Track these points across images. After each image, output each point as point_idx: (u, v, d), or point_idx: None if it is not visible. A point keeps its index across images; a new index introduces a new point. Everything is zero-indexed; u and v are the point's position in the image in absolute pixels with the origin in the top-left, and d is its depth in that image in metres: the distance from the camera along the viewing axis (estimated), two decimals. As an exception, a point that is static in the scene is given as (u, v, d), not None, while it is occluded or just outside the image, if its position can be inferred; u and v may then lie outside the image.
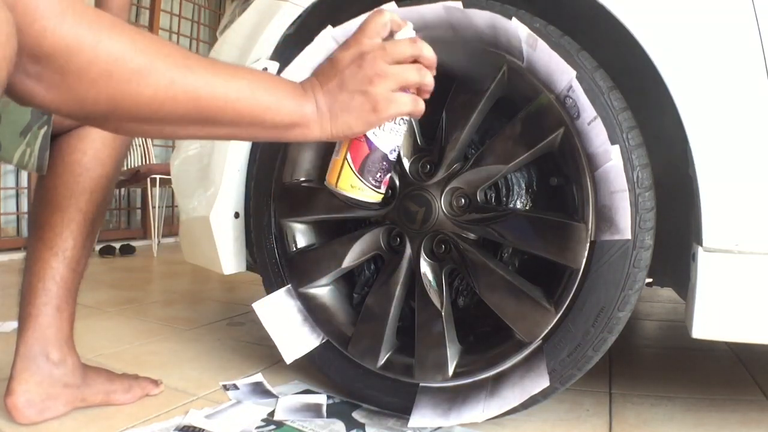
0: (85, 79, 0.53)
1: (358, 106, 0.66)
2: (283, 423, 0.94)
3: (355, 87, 0.66)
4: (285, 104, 0.64)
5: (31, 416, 0.91)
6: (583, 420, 0.99)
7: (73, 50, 0.52)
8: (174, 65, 0.57)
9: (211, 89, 0.60)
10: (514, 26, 0.85)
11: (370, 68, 0.65)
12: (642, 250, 0.81)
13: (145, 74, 0.55)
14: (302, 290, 1.06)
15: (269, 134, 0.67)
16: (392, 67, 0.66)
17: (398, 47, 0.67)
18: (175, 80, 0.57)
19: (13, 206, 3.50)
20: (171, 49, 0.59)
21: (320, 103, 0.66)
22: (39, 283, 0.95)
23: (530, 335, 0.88)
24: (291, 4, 1.04)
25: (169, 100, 0.58)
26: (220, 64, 0.62)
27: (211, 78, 0.60)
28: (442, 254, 0.96)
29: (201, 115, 0.60)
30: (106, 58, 0.53)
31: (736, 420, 1.00)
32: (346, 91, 0.66)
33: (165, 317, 1.73)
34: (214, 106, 0.60)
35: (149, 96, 0.56)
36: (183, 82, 0.58)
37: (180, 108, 0.59)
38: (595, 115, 0.81)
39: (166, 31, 4.40)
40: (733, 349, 1.43)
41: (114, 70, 0.54)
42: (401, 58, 0.67)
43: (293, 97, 0.65)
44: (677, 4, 0.79)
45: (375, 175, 0.72)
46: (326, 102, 0.66)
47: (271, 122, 0.64)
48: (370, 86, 0.65)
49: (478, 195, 0.93)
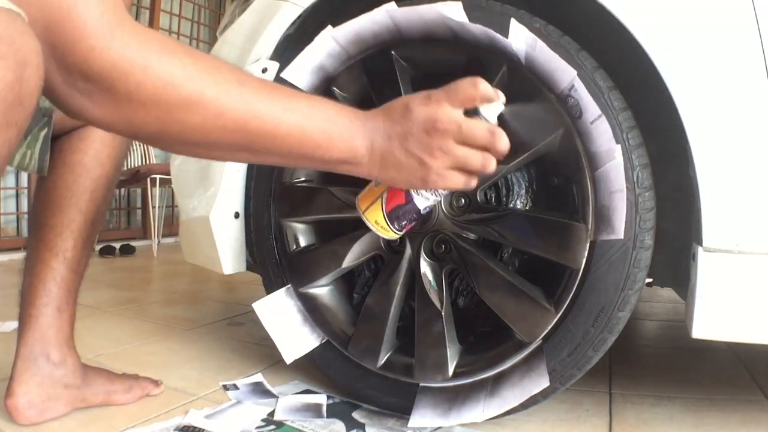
0: (134, 102, 0.53)
1: (410, 170, 0.64)
2: (283, 423, 0.94)
3: (415, 150, 0.63)
4: (337, 143, 0.63)
5: (32, 417, 0.91)
6: (583, 420, 0.99)
7: (121, 72, 0.51)
8: (226, 93, 0.56)
9: (261, 123, 0.58)
10: (509, 42, 0.85)
11: (438, 140, 0.63)
12: (642, 250, 0.81)
13: (194, 102, 0.55)
14: (302, 290, 1.06)
15: (318, 166, 0.66)
16: (459, 148, 0.63)
17: (474, 132, 0.63)
18: (225, 111, 0.56)
19: (13, 206, 3.50)
20: (225, 74, 0.57)
21: (376, 145, 0.64)
22: (39, 284, 0.95)
23: (530, 335, 0.88)
24: (291, 4, 1.04)
25: (217, 129, 0.57)
26: (278, 93, 0.61)
27: (264, 110, 0.58)
28: (442, 254, 0.96)
29: (250, 145, 0.60)
30: (155, 83, 0.53)
31: (736, 420, 1.00)
32: (405, 149, 0.64)
33: (165, 317, 1.73)
34: (263, 140, 0.59)
35: (197, 123, 0.56)
36: (232, 112, 0.57)
37: (228, 137, 0.58)
38: (599, 114, 0.81)
39: (166, 31, 4.40)
40: (733, 349, 1.43)
41: (162, 95, 0.53)
42: (473, 144, 0.64)
43: (348, 135, 0.63)
44: (677, 4, 0.79)
45: (401, 222, 0.73)
46: (382, 149, 0.64)
47: (320, 159, 0.63)
48: (429, 158, 0.63)
49: (478, 195, 0.93)
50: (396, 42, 0.96)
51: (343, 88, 1.03)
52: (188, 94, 0.54)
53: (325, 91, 1.03)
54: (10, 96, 0.47)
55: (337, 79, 1.02)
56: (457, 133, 0.63)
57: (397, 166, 0.64)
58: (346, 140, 0.63)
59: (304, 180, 1.08)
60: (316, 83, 1.03)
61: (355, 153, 0.64)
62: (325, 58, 1.01)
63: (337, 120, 0.63)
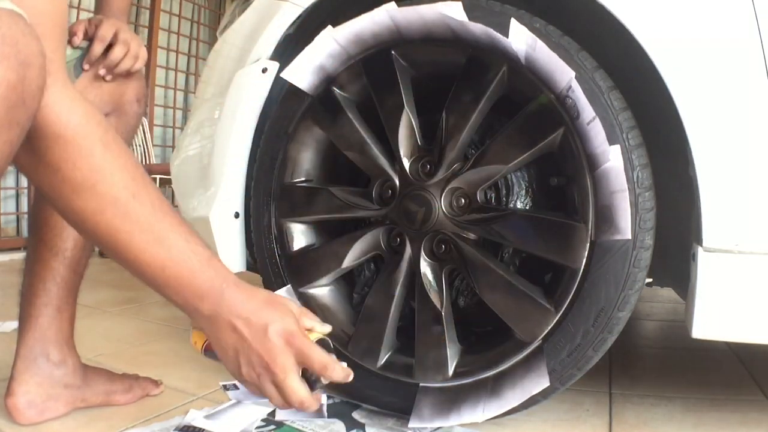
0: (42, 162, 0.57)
1: (228, 362, 0.69)
2: (283, 423, 0.94)
3: (242, 356, 0.67)
4: (184, 295, 0.65)
5: (32, 417, 0.91)
6: (583, 420, 0.99)
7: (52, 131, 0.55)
8: (113, 200, 0.59)
9: (128, 240, 0.61)
10: (509, 42, 0.85)
11: (261, 370, 0.67)
12: (642, 250, 0.81)
13: (85, 188, 0.58)
14: (302, 290, 1.06)
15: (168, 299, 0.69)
16: (270, 388, 0.68)
17: (289, 394, 0.67)
18: (105, 211, 0.59)
19: (13, 206, 3.50)
20: (125, 181, 0.60)
21: (218, 323, 0.67)
22: (39, 284, 0.95)
23: (530, 335, 0.88)
24: (291, 4, 1.04)
25: (92, 224, 0.61)
26: (160, 224, 0.63)
27: (138, 230, 0.61)
28: (442, 254, 0.96)
29: (113, 253, 0.63)
30: (63, 156, 0.56)
31: (736, 420, 1.00)
32: (235, 349, 0.67)
33: (165, 317, 1.73)
34: (123, 257, 0.63)
35: (77, 209, 0.59)
36: (110, 217, 0.60)
37: (99, 235, 0.62)
38: (594, 116, 0.81)
39: (166, 31, 4.40)
40: (733, 349, 1.43)
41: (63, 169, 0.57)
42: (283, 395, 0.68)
43: (198, 293, 0.65)
44: (677, 4, 0.79)
45: (212, 356, 0.76)
46: (220, 329, 0.67)
47: (166, 295, 0.66)
48: (247, 372, 0.68)
49: (478, 195, 0.93)
50: (396, 42, 0.96)
51: (343, 88, 1.03)
52: (82, 179, 0.58)
53: (325, 90, 1.03)
54: (12, 96, 0.48)
55: (337, 79, 1.02)
56: (278, 382, 0.67)
57: (222, 347, 0.68)
58: (195, 298, 0.65)
59: (304, 180, 1.08)
60: (316, 83, 1.03)
61: (195, 311, 0.67)
62: (325, 58, 1.01)
63: (198, 276, 0.65)
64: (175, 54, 4.50)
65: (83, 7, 3.60)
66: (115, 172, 0.59)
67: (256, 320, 0.66)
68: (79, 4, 3.63)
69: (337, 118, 1.02)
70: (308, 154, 1.07)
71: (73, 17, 3.60)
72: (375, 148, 0.99)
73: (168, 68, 4.45)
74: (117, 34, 0.95)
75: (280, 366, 0.65)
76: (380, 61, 0.97)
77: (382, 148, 0.99)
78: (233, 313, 0.66)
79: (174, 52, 4.49)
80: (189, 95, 4.58)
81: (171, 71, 4.49)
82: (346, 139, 1.01)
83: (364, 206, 1.01)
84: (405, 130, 0.96)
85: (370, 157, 0.99)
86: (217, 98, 1.16)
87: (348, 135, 1.01)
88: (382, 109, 0.98)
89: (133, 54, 0.97)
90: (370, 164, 1.00)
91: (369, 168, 1.01)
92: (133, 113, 1.01)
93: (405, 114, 0.96)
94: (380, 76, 0.98)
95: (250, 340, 0.66)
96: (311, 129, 1.06)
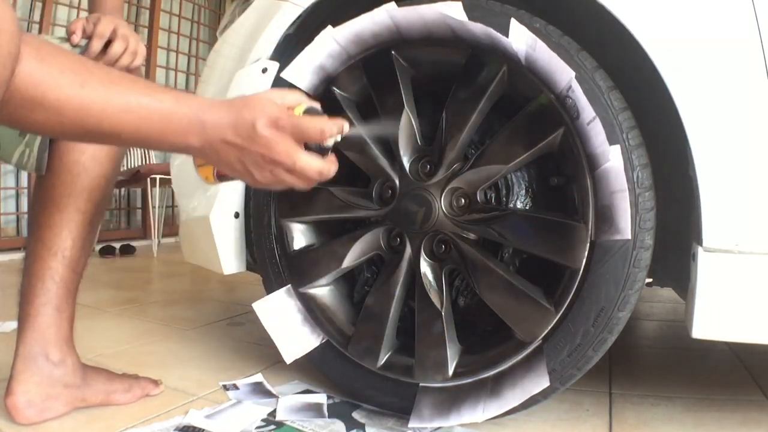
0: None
1: (239, 174, 0.70)
2: (284, 423, 0.94)
3: (247, 163, 0.68)
4: (170, 139, 0.66)
5: (31, 416, 0.91)
6: (583, 420, 0.99)
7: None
8: (66, 95, 0.60)
9: (97, 123, 0.62)
10: (509, 42, 0.85)
11: (270, 166, 0.67)
12: (642, 250, 0.81)
13: (36, 103, 0.58)
14: (302, 290, 1.06)
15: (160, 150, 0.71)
16: (287, 176, 0.68)
17: (305, 171, 0.68)
18: (63, 112, 0.60)
19: (13, 206, 3.50)
20: (67, 74, 0.60)
21: (213, 145, 0.67)
22: (38, 284, 0.95)
23: (530, 335, 0.88)
24: (291, 4, 1.04)
25: (58, 126, 0.61)
26: (118, 93, 0.63)
27: (100, 111, 0.62)
28: (442, 254, 0.96)
29: (90, 138, 0.65)
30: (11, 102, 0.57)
31: (736, 420, 1.00)
32: (239, 159, 0.68)
33: (165, 317, 1.73)
34: (101, 136, 0.64)
35: (40, 121, 0.60)
36: (70, 113, 0.61)
37: (69, 131, 0.63)
38: (594, 116, 0.81)
39: (166, 31, 4.40)
40: (733, 349, 1.43)
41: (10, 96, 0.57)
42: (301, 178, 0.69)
43: (182, 132, 0.66)
44: (677, 4, 0.79)
45: (226, 179, 0.78)
46: (217, 149, 0.67)
47: (156, 147, 0.68)
48: (259, 174, 0.68)
49: (478, 195, 0.93)
50: (396, 42, 0.96)
51: (344, 88, 1.03)
52: (31, 97, 0.58)
53: (325, 90, 1.03)
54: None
55: (337, 79, 1.02)
56: (289, 167, 0.67)
57: (229, 166, 0.69)
58: (179, 136, 0.66)
59: (304, 180, 1.08)
60: (316, 83, 1.03)
61: (188, 148, 0.68)
62: (325, 58, 1.01)
63: (172, 119, 0.66)
64: (175, 54, 4.50)
65: (83, 7, 3.61)
66: (57, 77, 0.60)
67: (241, 124, 0.66)
68: (79, 4, 3.63)
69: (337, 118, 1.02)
70: (308, 154, 1.07)
71: (72, 16, 3.60)
72: (375, 148, 0.99)
73: (168, 68, 4.45)
74: (115, 31, 0.95)
75: (283, 153, 0.66)
76: (380, 61, 0.97)
77: (382, 148, 0.99)
78: (220, 132, 0.67)
79: (174, 52, 4.49)
80: (189, 95, 4.57)
81: (171, 71, 4.49)
82: (346, 139, 1.01)
83: (364, 206, 1.01)
84: (405, 130, 0.96)
85: (370, 157, 0.99)
86: (217, 98, 1.15)
87: (348, 135, 1.01)
88: (382, 109, 0.98)
89: (131, 50, 0.97)
90: (370, 164, 1.00)
91: (369, 168, 1.01)
92: None
93: (405, 114, 0.96)
94: (380, 76, 0.98)
95: (246, 146, 0.66)
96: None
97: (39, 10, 3.39)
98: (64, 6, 3.57)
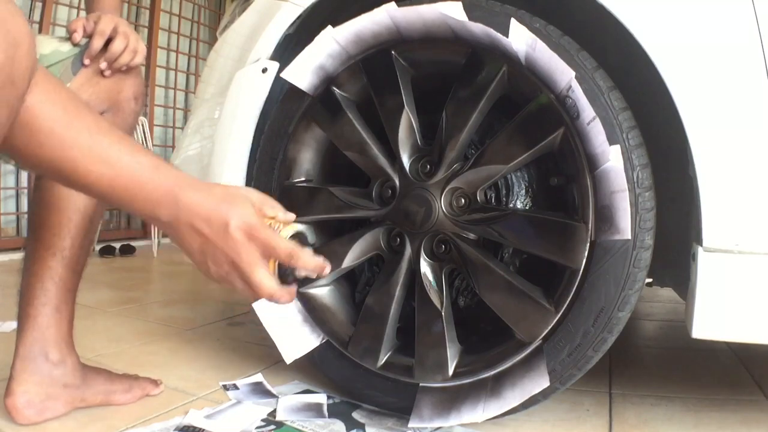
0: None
1: (197, 262, 0.68)
2: (283, 423, 0.94)
3: (208, 256, 0.66)
4: (140, 205, 0.65)
5: (31, 416, 0.91)
6: (583, 420, 0.99)
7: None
8: (49, 129, 0.59)
9: (74, 168, 0.61)
10: (509, 42, 0.85)
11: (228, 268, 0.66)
12: (642, 250, 0.81)
13: (19, 127, 0.57)
14: (302, 290, 1.06)
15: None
16: (240, 284, 0.66)
17: (259, 288, 0.66)
18: (42, 145, 0.59)
19: (13, 206, 3.50)
20: (57, 108, 0.60)
21: (180, 227, 0.66)
22: (38, 284, 0.94)
23: (530, 335, 0.88)
24: (291, 4, 1.04)
25: (33, 158, 0.61)
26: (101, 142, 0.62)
27: (78, 157, 0.61)
28: (442, 254, 0.96)
29: (62, 181, 0.63)
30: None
31: (736, 420, 1.00)
32: (201, 251, 0.66)
33: (165, 317, 1.73)
34: (74, 182, 0.63)
35: (18, 146, 0.59)
36: (49, 149, 0.60)
37: (42, 168, 0.62)
38: (594, 116, 0.81)
39: (166, 31, 4.40)
40: (733, 349, 1.43)
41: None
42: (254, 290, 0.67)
43: (152, 203, 0.65)
44: (677, 4, 0.79)
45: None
46: (183, 233, 0.66)
47: (127, 210, 0.67)
48: (215, 271, 0.66)
49: (478, 195, 0.93)
50: (396, 42, 0.96)
51: (343, 88, 1.03)
52: (20, 119, 0.57)
53: (325, 91, 1.03)
54: (1, 76, 0.48)
55: (337, 79, 1.02)
56: (245, 276, 0.65)
57: (188, 251, 0.68)
58: (149, 205, 0.65)
59: (304, 180, 1.08)
60: (316, 83, 1.03)
61: (154, 219, 0.66)
62: (325, 58, 1.01)
63: (147, 186, 0.64)
64: (175, 54, 4.50)
65: (83, 7, 3.60)
66: (45, 108, 0.59)
67: (215, 218, 0.65)
68: (78, 4, 3.63)
69: (337, 118, 1.02)
70: (308, 154, 1.07)
71: (72, 16, 3.60)
72: (375, 148, 0.99)
73: (168, 68, 4.45)
74: (116, 29, 0.95)
75: (245, 261, 0.65)
76: (380, 61, 0.97)
77: (382, 148, 0.99)
78: (192, 215, 0.65)
79: (174, 52, 4.49)
80: (189, 95, 4.57)
81: (171, 71, 4.49)
82: (346, 139, 1.01)
83: (364, 206, 1.01)
84: (405, 130, 0.96)
85: (370, 157, 0.99)
86: (217, 98, 1.16)
87: (348, 135, 1.01)
88: (382, 109, 0.98)
89: (132, 48, 0.97)
90: (370, 164, 1.00)
91: (369, 168, 1.01)
92: (131, 111, 1.01)
93: (405, 114, 0.96)
94: (380, 76, 0.98)
95: (213, 240, 0.65)
96: (311, 129, 1.06)
97: (39, 10, 3.39)
98: (64, 6, 3.57)
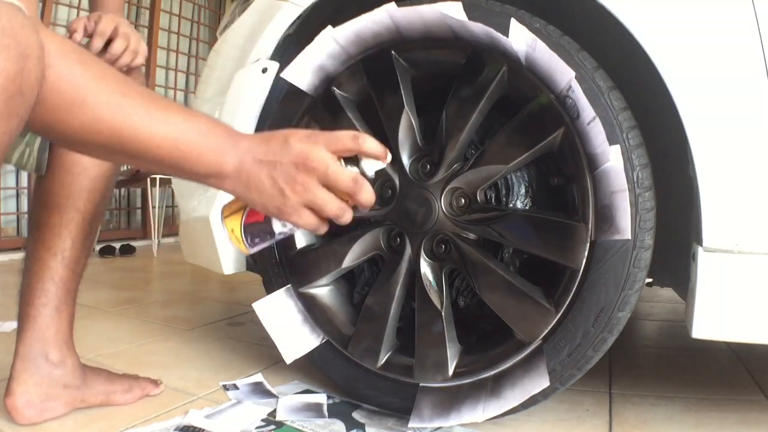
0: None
1: (270, 197, 0.66)
2: (283, 423, 0.94)
3: (279, 179, 0.65)
4: (205, 157, 0.65)
5: (31, 417, 0.91)
6: (583, 420, 0.99)
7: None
8: (106, 103, 0.59)
9: (135, 132, 0.61)
10: (509, 42, 0.85)
11: (303, 176, 0.65)
12: (642, 250, 0.81)
13: (76, 106, 0.57)
14: (302, 290, 1.06)
15: (189, 178, 0.68)
16: (320, 191, 0.65)
17: (339, 177, 0.65)
18: (102, 117, 0.59)
19: (13, 206, 3.50)
20: (110, 84, 0.60)
21: (245, 166, 0.66)
22: (38, 284, 0.94)
23: (530, 335, 0.88)
24: (291, 4, 1.04)
25: (94, 133, 0.60)
26: (156, 106, 0.63)
27: (139, 121, 0.61)
28: (442, 254, 0.96)
29: (125, 151, 0.62)
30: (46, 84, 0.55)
31: (736, 420, 1.00)
32: (271, 176, 0.65)
33: (165, 317, 1.73)
34: (136, 147, 0.62)
35: (76, 126, 0.58)
36: (109, 120, 0.59)
37: (104, 141, 0.61)
38: (594, 116, 0.81)
39: (166, 31, 4.40)
40: (733, 349, 1.43)
41: (48, 96, 0.55)
42: (335, 189, 0.66)
43: (217, 151, 0.65)
44: (677, 5, 0.79)
45: (255, 239, 0.73)
46: (249, 170, 0.66)
47: (189, 170, 0.66)
48: (290, 190, 0.65)
49: (478, 195, 0.93)
50: (396, 42, 0.96)
51: (344, 88, 1.03)
52: (71, 99, 0.57)
53: (325, 91, 1.03)
54: (12, 87, 0.49)
55: (337, 79, 1.02)
56: (322, 174, 0.65)
57: (259, 189, 0.66)
58: (214, 155, 0.65)
59: (304, 180, 1.07)
60: (316, 83, 1.03)
61: (221, 168, 0.66)
62: (325, 58, 1.01)
63: (209, 136, 0.65)
64: (175, 54, 4.50)
65: (83, 7, 3.61)
66: (98, 81, 0.59)
67: (274, 140, 0.66)
68: (79, 4, 3.63)
69: (337, 118, 1.02)
70: (308, 154, 1.07)
71: (72, 16, 3.60)
72: (375, 148, 0.99)
73: (168, 68, 4.45)
74: (117, 29, 0.95)
75: (316, 159, 0.64)
76: (380, 61, 0.97)
77: (382, 148, 0.99)
78: (253, 150, 0.66)
79: (174, 52, 4.49)
80: (189, 95, 4.58)
81: (171, 71, 4.49)
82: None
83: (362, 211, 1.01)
84: (405, 130, 0.96)
85: (370, 157, 0.99)
86: (217, 98, 1.16)
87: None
88: (382, 109, 0.98)
89: (132, 49, 0.96)
90: (370, 164, 1.00)
91: (369, 168, 1.00)
92: None
93: (405, 114, 0.96)
94: (380, 76, 0.98)
95: (279, 159, 0.65)
96: (311, 129, 1.06)
97: (39, 10, 3.39)
98: (64, 6, 3.57)
